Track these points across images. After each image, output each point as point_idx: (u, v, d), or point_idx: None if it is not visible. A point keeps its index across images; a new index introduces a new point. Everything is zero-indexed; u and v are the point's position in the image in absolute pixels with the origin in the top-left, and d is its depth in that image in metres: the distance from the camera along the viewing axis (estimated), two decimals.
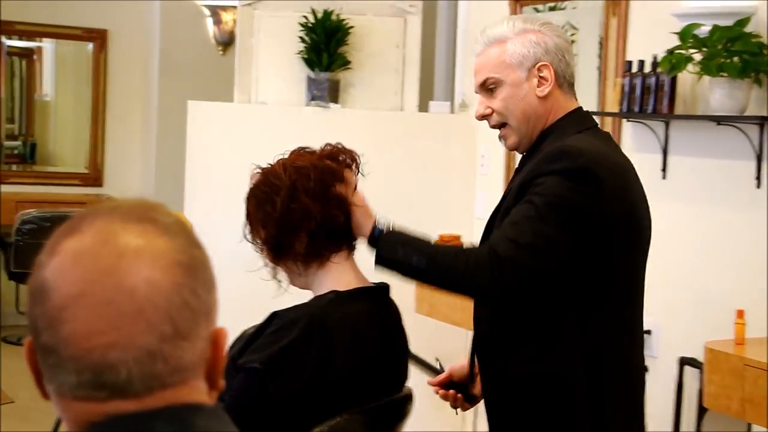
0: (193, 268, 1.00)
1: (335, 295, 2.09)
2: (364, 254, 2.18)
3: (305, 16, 4.70)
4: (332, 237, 2.12)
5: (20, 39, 8.02)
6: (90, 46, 7.85)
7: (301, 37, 4.73)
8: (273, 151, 2.22)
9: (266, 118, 4.63)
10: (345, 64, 4.75)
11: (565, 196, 2.02)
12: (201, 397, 1.01)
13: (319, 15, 4.68)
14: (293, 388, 1.95)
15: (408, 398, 2.23)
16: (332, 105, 4.68)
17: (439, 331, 4.36)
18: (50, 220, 6.53)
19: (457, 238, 4.40)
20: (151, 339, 0.95)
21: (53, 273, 0.96)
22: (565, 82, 2.24)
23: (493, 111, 2.23)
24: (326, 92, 4.68)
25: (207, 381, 1.03)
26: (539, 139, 2.22)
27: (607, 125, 4.01)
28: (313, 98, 4.71)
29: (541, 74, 2.19)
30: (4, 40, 7.61)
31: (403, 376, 2.24)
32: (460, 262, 2.02)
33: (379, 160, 4.59)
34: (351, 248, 2.17)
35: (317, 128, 4.32)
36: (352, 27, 4.73)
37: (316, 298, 2.12)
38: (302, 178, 2.09)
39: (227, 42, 7.30)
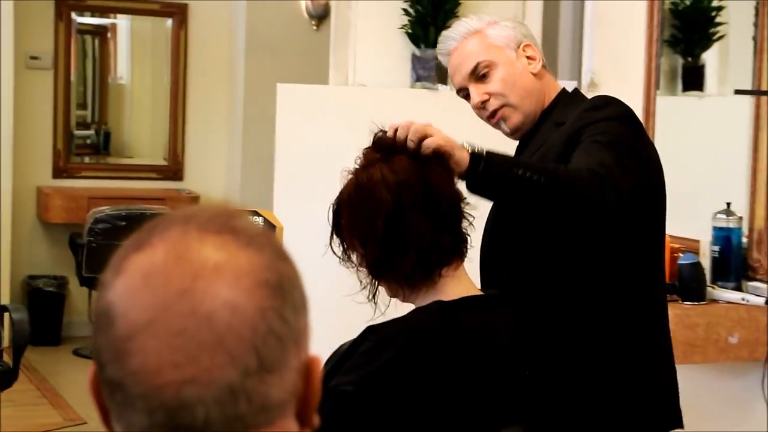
0: (281, 287, 0.96)
1: (439, 306, 2.05)
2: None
3: None
4: (443, 255, 2.07)
5: (92, 15, 8.18)
6: (168, 22, 7.96)
7: (404, 9, 4.69)
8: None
9: (366, 101, 4.60)
10: None
11: (628, 136, 2.27)
12: None
13: None
14: (390, 415, 1.93)
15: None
16: (441, 86, 4.63)
17: None
18: (125, 218, 6.65)
19: None
20: (233, 374, 0.92)
21: (119, 296, 0.94)
22: (545, 64, 2.48)
23: (490, 95, 2.40)
24: (434, 72, 4.63)
25: (298, 419, 1.00)
26: (539, 120, 2.42)
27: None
28: (418, 79, 4.67)
29: (527, 54, 2.42)
30: (74, 17, 7.76)
31: (521, 399, 2.18)
32: (577, 175, 2.11)
33: (497, 147, 4.58)
34: (461, 258, 2.13)
35: (424, 113, 4.22)
36: None
37: (417, 311, 2.08)
38: (406, 193, 2.04)
39: (322, 15, 7.32)
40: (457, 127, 4.43)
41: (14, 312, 4.70)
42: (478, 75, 2.40)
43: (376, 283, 2.12)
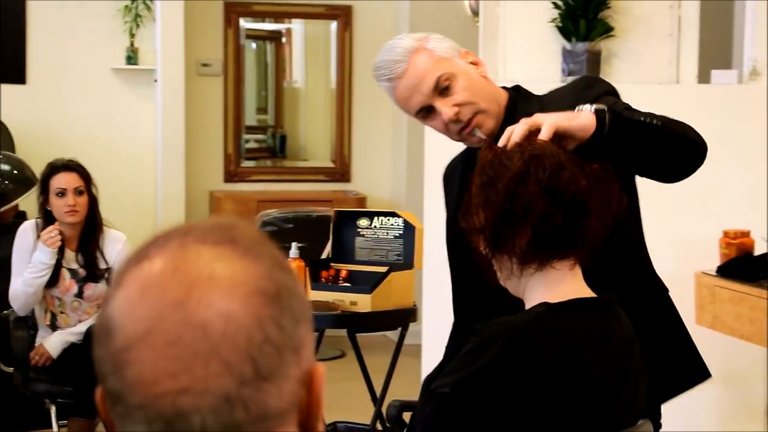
0: (279, 296, 0.96)
1: (545, 308, 2.00)
2: None
3: None
4: (558, 242, 2.03)
5: (261, 21, 8.37)
6: (333, 24, 8.06)
7: (554, 3, 4.64)
8: None
9: None
10: (607, 31, 4.62)
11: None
12: None
13: None
14: (490, 419, 1.90)
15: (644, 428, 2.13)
16: None
17: (724, 347, 4.18)
18: (292, 221, 6.75)
19: (746, 234, 4.18)
20: (228, 382, 0.92)
21: (117, 308, 0.95)
22: None
23: (459, 107, 2.36)
24: (585, 65, 4.58)
25: (301, 429, 0.99)
26: (504, 121, 2.39)
27: None
28: (569, 73, 4.61)
29: (470, 60, 2.44)
30: (243, 23, 7.94)
31: (637, 407, 2.13)
32: (679, 121, 2.28)
33: None
34: (579, 260, 2.08)
35: None
36: None
37: (522, 313, 2.04)
38: (537, 165, 2.02)
39: None
40: None
41: None
42: (441, 89, 2.36)
43: (492, 263, 2.09)
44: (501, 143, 2.08)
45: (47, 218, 4.44)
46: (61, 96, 7.47)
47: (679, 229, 4.48)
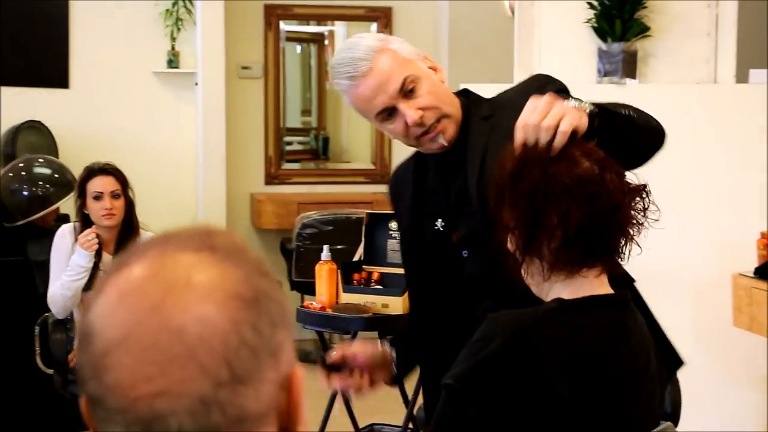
0: (256, 301, 0.97)
1: (558, 303, 1.98)
2: None
3: None
4: (590, 251, 2.00)
5: (300, 23, 8.40)
6: (373, 26, 8.06)
7: (589, 3, 4.62)
8: None
9: None
10: (643, 31, 4.59)
11: None
12: None
13: None
14: (494, 411, 1.87)
15: None
16: (628, 80, 4.56)
17: (763, 351, 4.14)
18: (332, 222, 6.75)
19: None
20: (204, 385, 0.93)
21: (97, 315, 0.97)
22: None
23: (423, 110, 2.30)
24: (620, 66, 4.56)
25: None
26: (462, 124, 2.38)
27: None
28: (605, 74, 4.60)
29: (428, 65, 2.37)
30: (283, 26, 7.96)
31: (656, 408, 2.10)
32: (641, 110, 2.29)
33: (689, 141, 4.46)
34: (607, 269, 2.04)
35: None
36: None
37: (535, 307, 2.02)
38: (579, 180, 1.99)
39: None
40: None
41: None
42: (406, 91, 2.30)
43: (525, 266, 2.04)
44: (531, 142, 2.01)
45: (85, 221, 4.47)
46: (103, 100, 7.53)
47: (716, 231, 4.44)
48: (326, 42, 8.63)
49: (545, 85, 2.38)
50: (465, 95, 2.46)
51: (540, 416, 1.89)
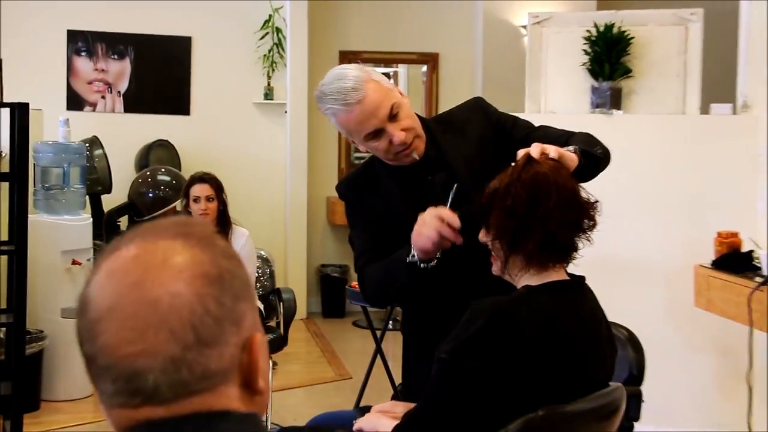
0: (220, 278, 0.96)
1: (527, 289, 1.95)
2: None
3: (588, 30, 4.53)
4: (564, 250, 1.97)
5: (376, 65, 8.40)
6: (424, 67, 8.02)
7: (584, 50, 4.56)
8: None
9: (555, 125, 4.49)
10: (627, 72, 4.52)
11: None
12: (231, 404, 0.96)
13: (602, 28, 4.48)
14: (480, 380, 1.84)
15: (616, 393, 2.05)
16: (615, 111, 4.48)
17: (716, 325, 4.06)
18: None
19: (735, 234, 4.05)
20: (174, 347, 0.91)
21: (93, 288, 0.96)
22: None
23: (405, 131, 2.24)
24: (609, 100, 4.49)
25: (244, 386, 0.97)
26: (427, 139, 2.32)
27: None
28: (596, 105, 4.53)
29: (399, 91, 2.27)
30: None
31: (606, 370, 2.06)
32: (596, 139, 2.29)
33: (662, 162, 4.40)
34: (568, 262, 2.01)
35: (601, 134, 4.10)
36: (632, 38, 4.49)
37: (510, 294, 1.97)
38: (562, 189, 1.95)
39: None
40: (628, 145, 4.31)
41: (284, 293, 4.85)
42: (392, 115, 2.21)
43: (509, 260, 1.99)
44: (536, 155, 1.99)
45: None
46: (215, 123, 7.59)
47: (682, 230, 4.35)
48: (391, 80, 8.57)
49: (487, 105, 2.41)
50: (417, 116, 2.38)
51: (516, 379, 1.85)
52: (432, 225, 2.09)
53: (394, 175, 2.37)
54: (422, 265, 2.16)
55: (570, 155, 2.04)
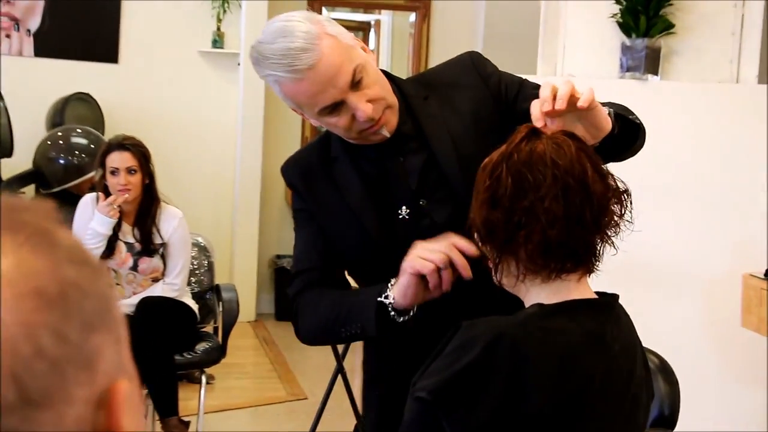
0: (63, 297, 0.73)
1: (538, 308, 1.74)
2: None
3: None
4: (568, 254, 1.76)
5: (343, 11, 8.31)
6: (412, 17, 8.02)
7: None
8: None
9: None
10: (668, 27, 4.36)
11: None
12: None
13: None
14: (470, 426, 1.64)
15: None
16: (651, 77, 4.34)
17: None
18: None
19: None
20: None
21: None
22: None
23: (372, 102, 1.98)
24: (643, 62, 4.34)
25: None
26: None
27: None
28: (627, 69, 4.38)
29: (361, 45, 2.03)
30: (326, 12, 7.85)
31: (638, 418, 1.85)
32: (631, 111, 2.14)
33: (709, 141, 4.28)
34: (588, 271, 1.81)
35: (632, 105, 3.98)
36: None
37: (515, 314, 1.77)
38: (564, 175, 1.75)
39: None
40: (670, 118, 4.17)
41: (224, 291, 4.73)
42: (355, 82, 1.96)
43: (501, 266, 1.82)
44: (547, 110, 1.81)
45: (107, 193, 4.33)
46: (150, 76, 7.55)
47: (729, 230, 4.27)
48: (372, 31, 8.56)
49: (483, 60, 2.22)
50: (389, 77, 2.13)
51: (520, 427, 1.66)
52: (440, 247, 1.92)
53: (354, 156, 2.14)
54: (400, 318, 1.99)
55: (604, 114, 1.88)
